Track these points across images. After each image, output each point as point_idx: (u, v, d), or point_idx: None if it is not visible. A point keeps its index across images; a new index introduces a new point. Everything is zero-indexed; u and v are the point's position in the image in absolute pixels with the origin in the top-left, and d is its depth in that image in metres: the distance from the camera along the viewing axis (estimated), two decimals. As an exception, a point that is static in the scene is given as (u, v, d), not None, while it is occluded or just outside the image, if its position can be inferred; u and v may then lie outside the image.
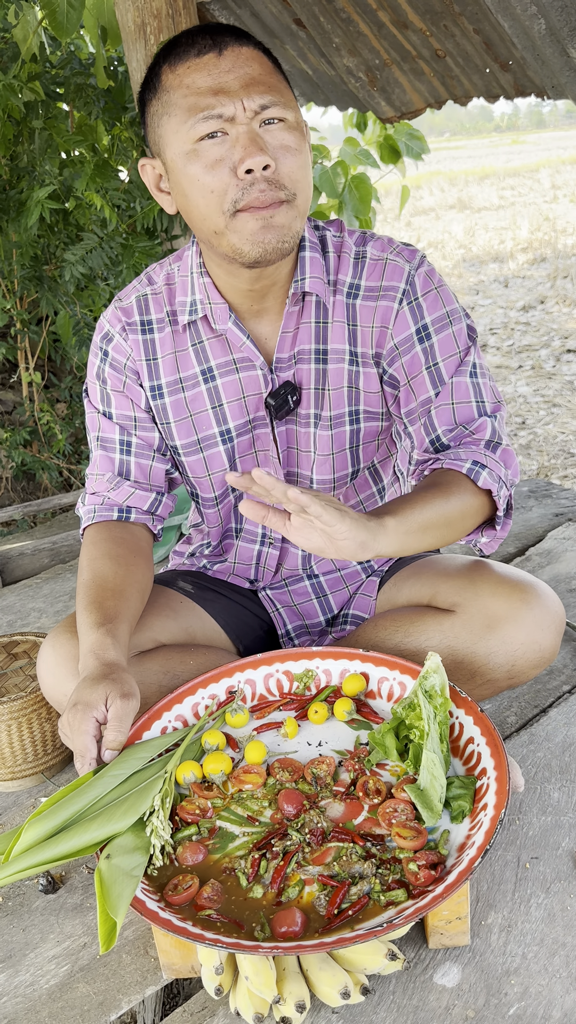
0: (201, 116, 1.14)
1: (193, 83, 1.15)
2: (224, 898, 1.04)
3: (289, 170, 1.17)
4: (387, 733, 1.20)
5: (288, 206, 1.18)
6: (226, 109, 1.14)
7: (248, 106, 1.14)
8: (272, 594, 1.55)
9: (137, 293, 1.39)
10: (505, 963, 1.09)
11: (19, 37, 2.60)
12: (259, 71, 1.17)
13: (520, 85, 2.45)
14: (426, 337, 1.32)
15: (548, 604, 1.29)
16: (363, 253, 1.33)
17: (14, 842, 1.10)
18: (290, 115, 1.18)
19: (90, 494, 1.44)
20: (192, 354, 1.37)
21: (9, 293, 2.78)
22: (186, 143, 1.16)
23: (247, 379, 1.37)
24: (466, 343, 1.34)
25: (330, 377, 1.36)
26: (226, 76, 1.15)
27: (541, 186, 15.48)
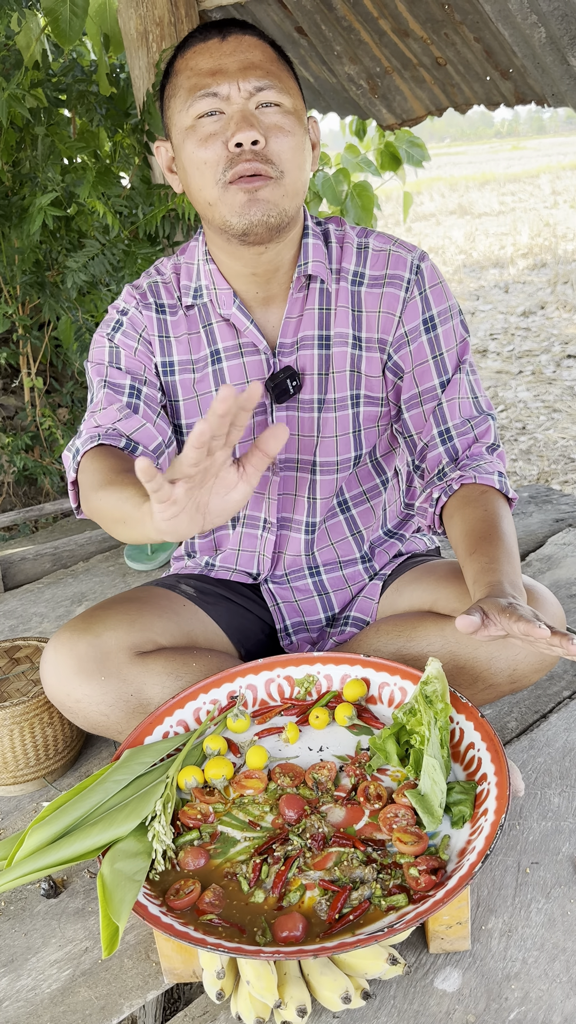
0: (199, 94, 1.22)
1: (196, 65, 1.23)
2: (226, 903, 1.05)
3: (278, 149, 1.23)
4: (388, 738, 1.21)
5: (275, 183, 1.23)
6: (222, 89, 1.21)
7: (243, 87, 1.21)
8: (274, 588, 1.56)
9: (149, 279, 1.45)
10: (505, 968, 1.09)
11: (22, 44, 2.61)
12: (259, 57, 1.23)
13: (520, 93, 2.46)
14: (432, 328, 1.39)
15: (550, 608, 1.30)
16: (366, 244, 1.40)
17: (17, 847, 1.10)
18: (287, 100, 1.24)
19: (92, 427, 1.33)
20: (203, 335, 1.42)
21: (11, 299, 2.79)
22: (187, 120, 1.24)
23: (251, 364, 1.41)
24: (462, 337, 1.42)
25: (335, 361, 1.41)
26: (226, 59, 1.22)
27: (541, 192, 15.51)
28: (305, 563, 1.55)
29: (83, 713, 1.32)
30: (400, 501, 1.62)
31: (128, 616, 1.38)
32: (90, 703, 1.31)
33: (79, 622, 1.35)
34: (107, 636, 1.33)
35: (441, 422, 1.39)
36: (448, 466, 1.37)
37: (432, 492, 1.37)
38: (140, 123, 2.56)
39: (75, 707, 1.32)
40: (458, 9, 2.26)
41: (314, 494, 1.49)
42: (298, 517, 1.51)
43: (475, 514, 1.29)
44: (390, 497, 1.58)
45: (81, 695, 1.31)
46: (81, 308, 2.75)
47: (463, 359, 1.41)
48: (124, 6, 2.48)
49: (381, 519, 1.58)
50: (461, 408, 1.39)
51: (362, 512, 1.54)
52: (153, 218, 2.52)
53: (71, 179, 2.56)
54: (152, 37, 2.47)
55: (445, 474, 1.37)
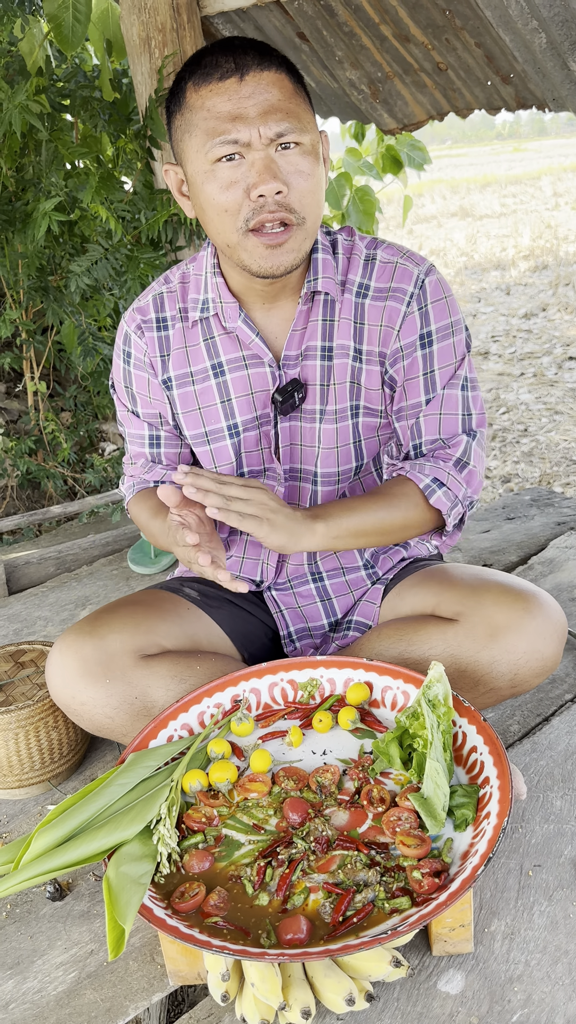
0: (219, 140, 1.19)
1: (214, 107, 1.19)
2: (230, 905, 1.05)
3: (300, 195, 1.22)
4: (391, 742, 1.21)
5: (297, 229, 1.24)
6: (242, 135, 1.18)
7: (264, 133, 1.18)
8: (277, 595, 1.57)
9: (153, 292, 1.46)
10: (508, 970, 1.10)
11: (25, 51, 2.62)
12: (278, 96, 1.20)
13: (521, 97, 2.47)
14: (428, 344, 1.37)
15: (550, 613, 1.31)
16: (373, 256, 1.39)
17: (23, 851, 1.11)
18: (306, 138, 1.22)
19: (128, 476, 1.57)
20: (203, 349, 1.43)
21: (15, 303, 2.80)
22: (204, 163, 1.21)
23: (255, 375, 1.41)
24: (462, 354, 1.41)
25: (336, 372, 1.41)
26: (245, 102, 1.18)
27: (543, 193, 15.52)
28: (308, 570, 1.55)
29: (88, 716, 1.33)
30: None
31: (133, 619, 1.39)
32: (95, 706, 1.32)
33: (84, 625, 1.36)
34: (112, 639, 1.34)
35: (417, 436, 1.40)
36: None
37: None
38: (142, 128, 2.57)
39: (80, 710, 1.33)
40: (459, 15, 2.27)
41: (316, 503, 1.49)
42: None
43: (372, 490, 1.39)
44: None
45: (86, 698, 1.32)
46: (84, 312, 2.76)
47: (458, 375, 1.40)
48: (126, 12, 2.49)
49: None
50: (442, 425, 1.39)
51: None
52: (156, 223, 2.53)
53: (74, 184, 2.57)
54: (154, 43, 2.48)
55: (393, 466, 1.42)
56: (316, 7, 2.48)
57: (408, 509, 1.35)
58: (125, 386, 1.49)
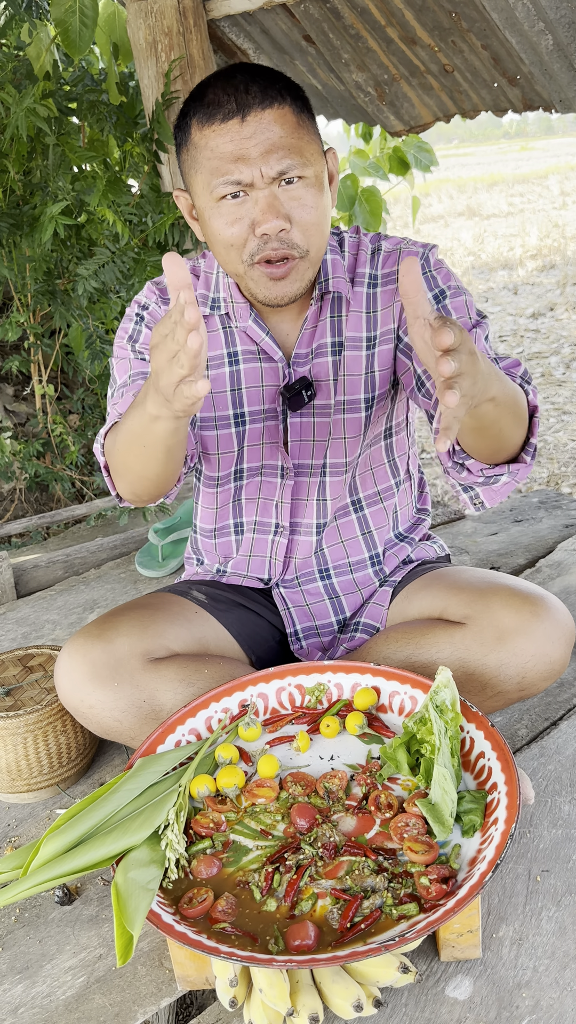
0: (222, 180, 1.22)
1: (217, 147, 1.22)
2: (238, 911, 1.06)
3: (304, 228, 1.25)
4: (398, 747, 1.21)
5: (301, 261, 1.28)
6: (244, 176, 1.22)
7: (266, 172, 1.21)
8: (285, 592, 1.57)
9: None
10: (516, 976, 1.10)
11: (32, 55, 2.63)
12: (280, 134, 1.22)
13: (528, 99, 2.46)
14: (442, 298, 1.38)
15: (558, 616, 1.31)
16: (379, 247, 1.43)
17: (32, 856, 1.11)
18: (309, 171, 1.24)
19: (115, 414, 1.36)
20: (222, 335, 1.45)
21: (23, 307, 2.81)
22: (210, 200, 1.25)
23: (267, 369, 1.44)
24: (476, 318, 1.36)
25: (347, 364, 1.43)
26: (247, 143, 1.21)
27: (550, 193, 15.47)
28: (315, 564, 1.56)
29: (96, 719, 1.34)
30: (412, 505, 1.63)
31: (141, 623, 1.40)
32: (103, 709, 1.32)
33: (93, 628, 1.37)
34: (120, 642, 1.34)
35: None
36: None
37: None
38: (149, 132, 2.58)
39: (88, 713, 1.34)
40: (465, 17, 2.27)
41: (323, 496, 1.51)
42: (307, 520, 1.53)
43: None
44: (402, 500, 1.60)
45: (95, 701, 1.32)
46: (91, 316, 2.77)
47: (479, 325, 1.33)
48: (133, 16, 2.49)
49: (392, 521, 1.59)
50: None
51: (375, 512, 1.56)
52: (162, 226, 2.54)
53: (81, 187, 2.58)
54: (161, 47, 2.48)
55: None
56: (322, 10, 2.48)
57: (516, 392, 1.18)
58: (131, 340, 1.44)
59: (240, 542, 1.58)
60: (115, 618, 1.40)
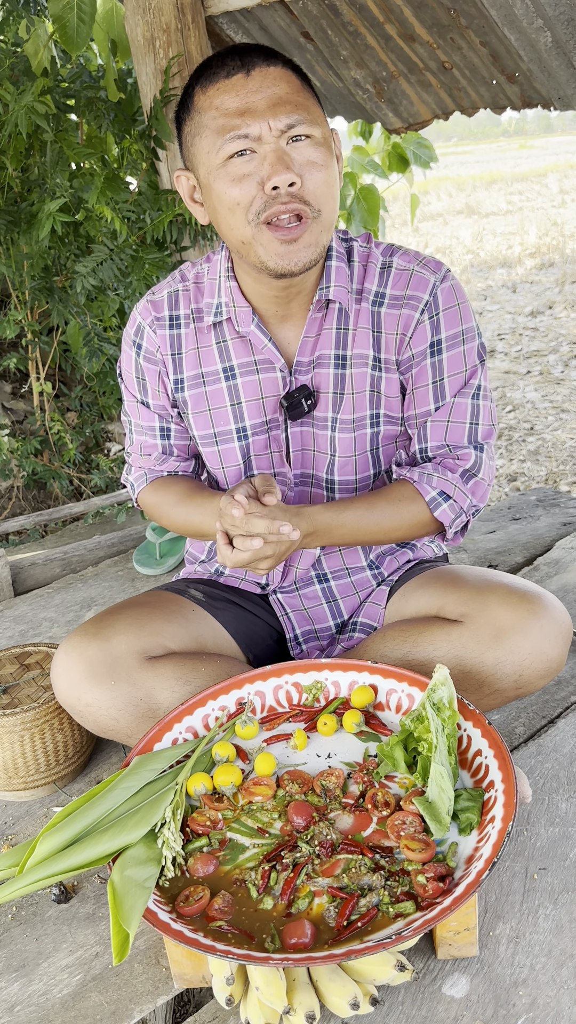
0: (229, 136, 1.19)
1: (222, 104, 1.20)
2: (235, 909, 1.05)
3: (315, 186, 1.21)
4: (396, 745, 1.21)
5: (313, 222, 1.23)
6: (252, 129, 1.18)
7: (274, 125, 1.18)
8: (283, 598, 1.56)
9: (169, 288, 1.46)
10: (513, 974, 1.10)
11: (30, 51, 2.62)
12: (286, 90, 1.20)
13: (526, 96, 2.46)
14: (438, 352, 1.37)
15: (555, 615, 1.31)
16: (390, 263, 1.39)
17: (28, 854, 1.11)
18: (317, 131, 1.22)
19: (136, 467, 1.56)
20: (216, 351, 1.43)
21: (20, 304, 2.81)
22: (216, 161, 1.21)
23: (267, 380, 1.42)
24: (474, 363, 1.40)
25: (354, 381, 1.41)
26: (253, 96, 1.19)
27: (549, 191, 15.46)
28: (314, 573, 1.55)
29: (93, 717, 1.34)
30: None
31: (138, 621, 1.39)
32: (100, 707, 1.32)
33: (90, 627, 1.36)
34: (117, 640, 1.34)
35: (422, 440, 1.40)
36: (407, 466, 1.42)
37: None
38: (147, 128, 2.58)
39: (85, 711, 1.33)
40: (464, 14, 2.26)
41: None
42: None
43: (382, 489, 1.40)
44: None
45: (91, 699, 1.32)
46: (89, 313, 2.76)
47: (469, 383, 1.39)
48: (131, 13, 2.49)
49: None
50: (448, 432, 1.38)
51: None
52: (160, 223, 2.54)
53: (79, 184, 2.58)
54: (159, 43, 2.48)
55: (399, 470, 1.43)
56: (321, 6, 2.48)
57: (411, 521, 1.38)
58: (136, 376, 1.49)
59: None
60: (112, 616, 1.39)
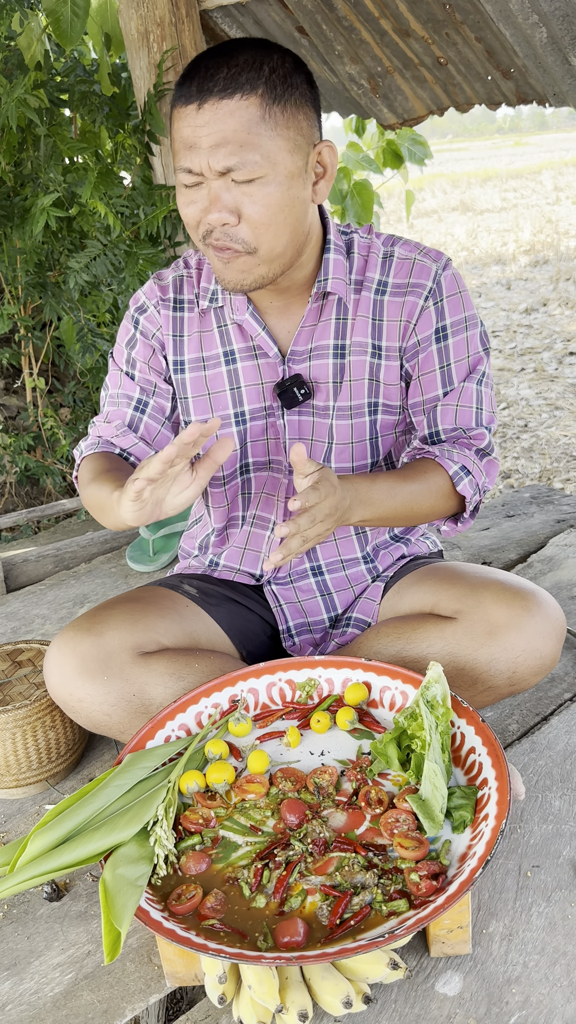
0: (179, 165, 1.22)
1: (178, 131, 1.21)
2: (227, 908, 1.05)
3: (253, 225, 1.21)
4: (389, 743, 1.21)
5: (249, 257, 1.25)
6: (194, 165, 1.19)
7: (213, 166, 1.18)
8: (277, 589, 1.56)
9: (175, 273, 1.47)
10: (506, 972, 1.10)
11: (23, 45, 2.61)
12: (233, 128, 1.15)
13: (522, 92, 2.45)
14: (443, 338, 1.39)
15: (549, 612, 1.31)
16: (391, 253, 1.40)
17: (19, 852, 1.11)
18: (265, 170, 1.17)
19: (93, 435, 1.48)
20: (217, 335, 1.44)
21: (13, 299, 2.79)
22: (178, 176, 1.24)
23: (265, 366, 1.43)
24: (477, 349, 1.42)
25: (352, 369, 1.41)
26: (200, 131, 1.17)
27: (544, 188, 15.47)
28: (308, 562, 1.55)
29: (86, 713, 1.33)
30: None
31: (131, 616, 1.39)
32: (93, 703, 1.32)
33: (83, 622, 1.36)
34: (110, 636, 1.33)
35: (432, 424, 1.41)
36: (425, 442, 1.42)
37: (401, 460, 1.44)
38: (141, 123, 2.56)
39: (78, 707, 1.33)
40: (459, 9, 2.25)
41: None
42: None
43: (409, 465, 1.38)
44: None
45: (84, 695, 1.31)
46: (83, 308, 2.75)
47: (475, 369, 1.42)
48: (125, 6, 2.47)
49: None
50: (458, 415, 1.40)
51: None
52: (154, 219, 2.52)
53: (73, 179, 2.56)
54: (153, 37, 2.46)
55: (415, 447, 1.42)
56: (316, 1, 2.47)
57: (437, 495, 1.36)
58: (128, 347, 1.49)
59: (235, 534, 1.57)
60: (105, 611, 1.39)
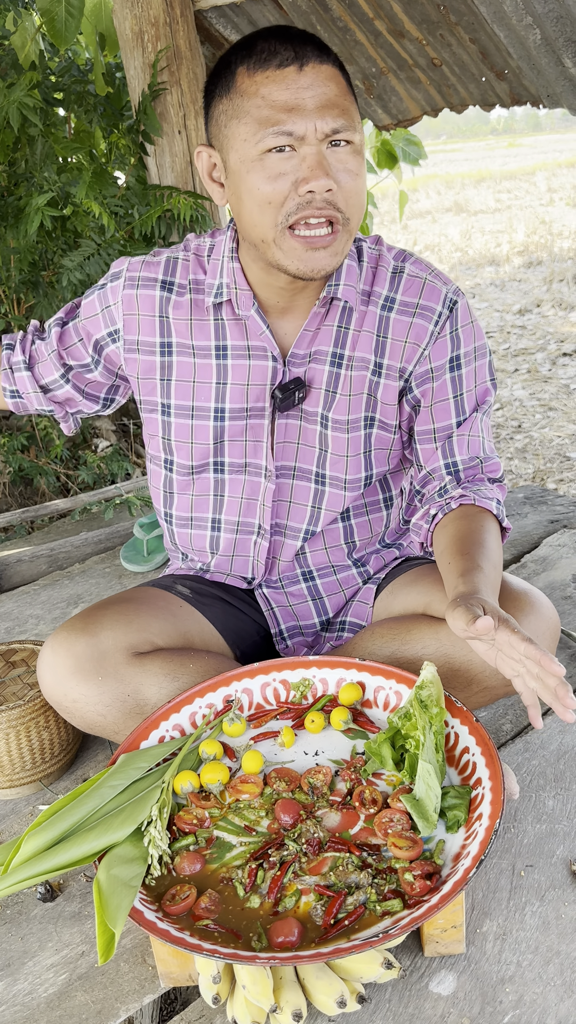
0: (273, 130, 1.16)
1: (270, 95, 1.16)
2: (221, 908, 1.05)
3: (348, 194, 1.20)
4: (383, 743, 1.21)
5: (342, 231, 1.22)
6: (298, 127, 1.15)
7: (320, 128, 1.16)
8: (268, 593, 1.56)
9: (169, 254, 1.43)
10: (500, 971, 1.10)
11: (17, 45, 2.60)
12: (335, 92, 1.18)
13: (516, 94, 2.46)
14: (457, 367, 1.38)
15: (543, 613, 1.31)
16: (401, 269, 1.38)
17: (13, 854, 1.10)
18: (356, 137, 1.20)
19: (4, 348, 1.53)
20: (212, 327, 1.40)
21: (6, 298, 2.79)
22: (253, 152, 1.18)
23: (256, 368, 1.40)
24: (485, 379, 1.42)
25: (352, 383, 1.40)
26: (304, 93, 1.15)
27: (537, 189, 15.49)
28: (298, 567, 1.55)
29: (80, 713, 1.33)
30: (401, 519, 1.61)
31: (125, 616, 1.39)
32: (87, 703, 1.31)
33: (77, 622, 1.36)
34: (104, 636, 1.33)
35: (449, 454, 1.39)
36: (451, 485, 1.38)
37: (430, 509, 1.38)
38: (136, 123, 2.56)
39: (72, 707, 1.33)
40: (453, 10, 2.26)
41: (320, 504, 1.48)
42: (295, 524, 1.51)
43: (469, 525, 1.30)
44: (392, 514, 1.57)
45: (78, 695, 1.31)
46: (76, 308, 2.74)
47: (484, 401, 1.41)
48: (119, 6, 2.47)
49: (380, 534, 1.57)
50: (471, 445, 1.39)
51: (360, 524, 1.53)
52: (149, 219, 2.52)
53: (67, 179, 2.56)
54: (147, 37, 2.46)
55: (447, 491, 1.38)
56: (310, 2, 2.47)
57: (496, 536, 1.33)
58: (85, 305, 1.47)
59: (218, 540, 1.55)
60: (99, 612, 1.39)
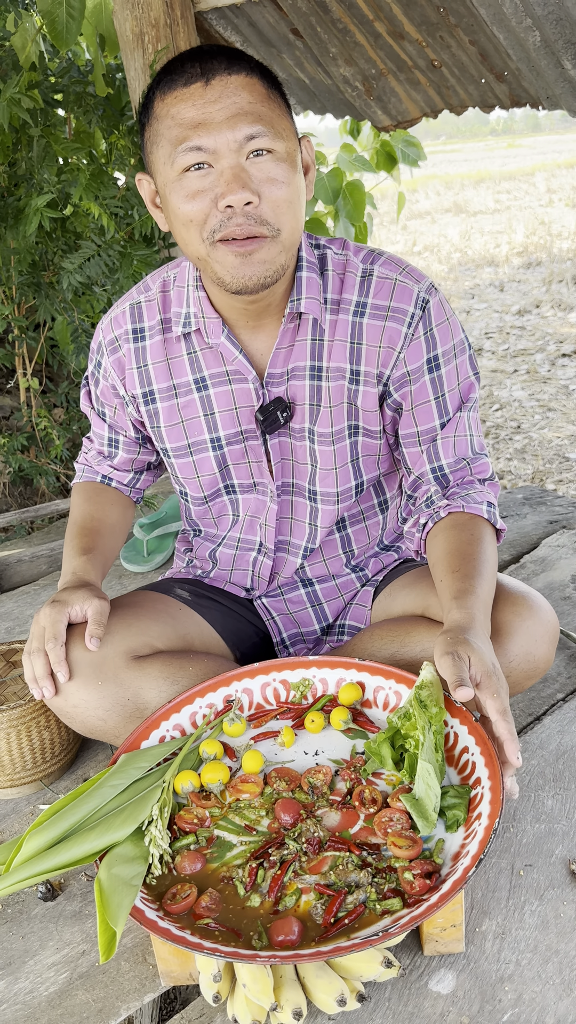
0: (182, 148, 1.14)
1: (179, 114, 1.14)
2: (222, 907, 1.05)
3: (273, 204, 1.16)
4: (383, 742, 1.22)
5: (271, 242, 1.18)
6: (207, 142, 1.13)
7: (232, 139, 1.13)
8: (268, 602, 1.56)
9: (131, 301, 1.43)
10: (499, 970, 1.10)
11: (18, 45, 2.61)
12: (248, 99, 1.14)
13: (515, 95, 2.47)
14: (436, 368, 1.35)
15: (542, 615, 1.31)
16: (370, 272, 1.33)
17: (14, 853, 1.11)
18: (279, 145, 1.16)
19: (83, 453, 1.62)
20: (187, 362, 1.40)
21: (7, 299, 2.79)
22: (172, 173, 1.16)
23: (239, 391, 1.39)
24: (468, 374, 1.39)
25: (331, 394, 1.37)
26: (211, 107, 1.12)
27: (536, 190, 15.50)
28: (297, 577, 1.55)
29: (80, 718, 1.33)
30: (398, 519, 1.61)
31: (124, 621, 1.39)
32: (87, 708, 1.32)
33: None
34: (104, 640, 1.33)
35: (435, 458, 1.38)
36: (437, 495, 1.37)
37: (420, 518, 1.38)
38: (135, 124, 2.56)
39: (72, 712, 1.33)
40: (453, 12, 2.26)
41: (315, 521, 1.48)
42: (297, 541, 1.51)
43: (460, 536, 1.30)
44: (390, 516, 1.57)
45: (78, 700, 1.31)
46: (77, 309, 2.75)
47: (468, 398, 1.38)
48: (120, 8, 2.48)
49: (377, 538, 1.58)
50: (456, 446, 1.37)
51: (357, 532, 1.54)
52: (148, 220, 2.53)
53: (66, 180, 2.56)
54: (148, 39, 2.47)
55: (433, 502, 1.37)
56: (310, 3, 2.47)
57: (491, 541, 1.33)
58: (95, 385, 1.52)
59: (226, 555, 1.56)
60: None
